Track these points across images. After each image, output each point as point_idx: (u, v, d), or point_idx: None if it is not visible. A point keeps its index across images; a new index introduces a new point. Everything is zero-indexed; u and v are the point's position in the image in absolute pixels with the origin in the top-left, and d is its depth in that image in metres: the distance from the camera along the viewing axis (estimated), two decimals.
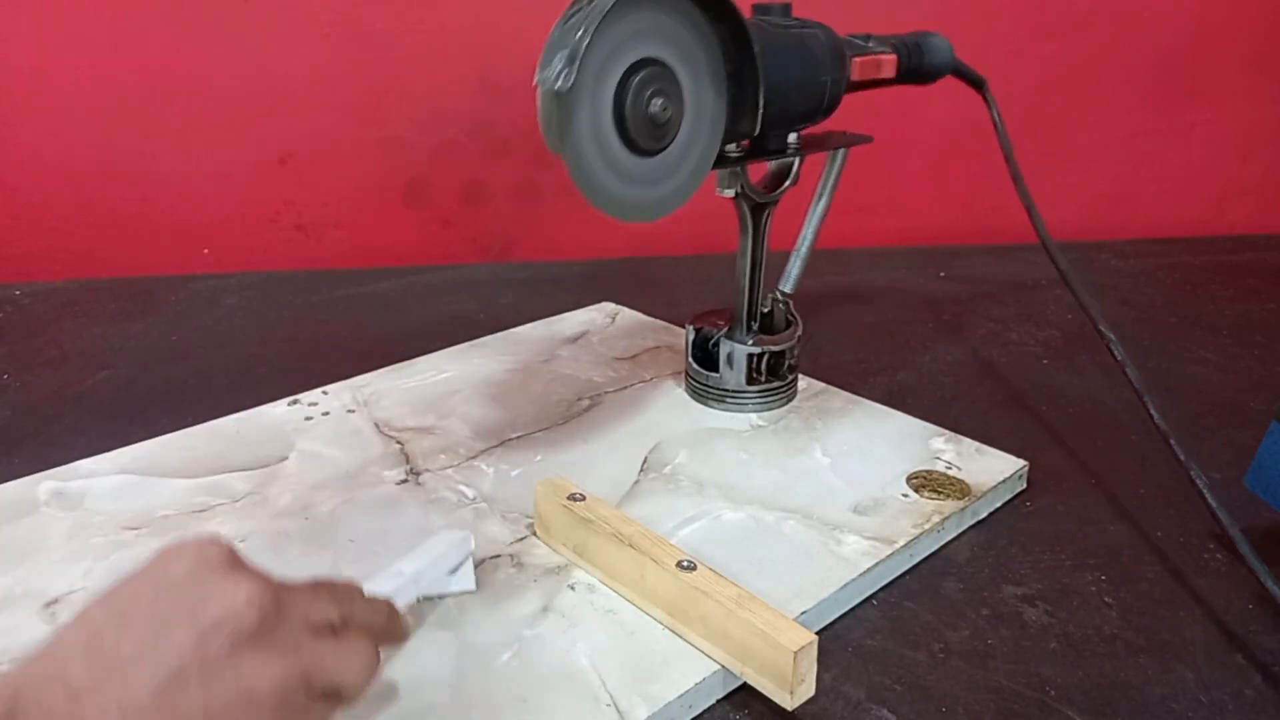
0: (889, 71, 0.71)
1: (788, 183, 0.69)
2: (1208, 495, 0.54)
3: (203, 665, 0.31)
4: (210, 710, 0.31)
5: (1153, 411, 0.60)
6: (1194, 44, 1.17)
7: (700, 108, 0.56)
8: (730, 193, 0.66)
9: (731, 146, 0.63)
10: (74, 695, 0.29)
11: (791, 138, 0.66)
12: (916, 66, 0.75)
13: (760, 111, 0.58)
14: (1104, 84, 1.18)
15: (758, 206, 0.68)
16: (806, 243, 0.73)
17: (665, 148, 0.55)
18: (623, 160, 0.53)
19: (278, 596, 0.35)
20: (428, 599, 0.49)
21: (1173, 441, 0.58)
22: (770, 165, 0.69)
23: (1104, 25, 1.15)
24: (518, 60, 1.09)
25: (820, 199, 0.74)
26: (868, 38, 0.70)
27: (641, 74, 0.51)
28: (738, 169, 0.65)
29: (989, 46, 1.15)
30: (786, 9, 0.65)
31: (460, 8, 1.07)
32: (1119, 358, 0.64)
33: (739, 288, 0.70)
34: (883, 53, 0.70)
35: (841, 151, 0.73)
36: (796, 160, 0.68)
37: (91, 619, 0.32)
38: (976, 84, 0.84)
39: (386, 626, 0.42)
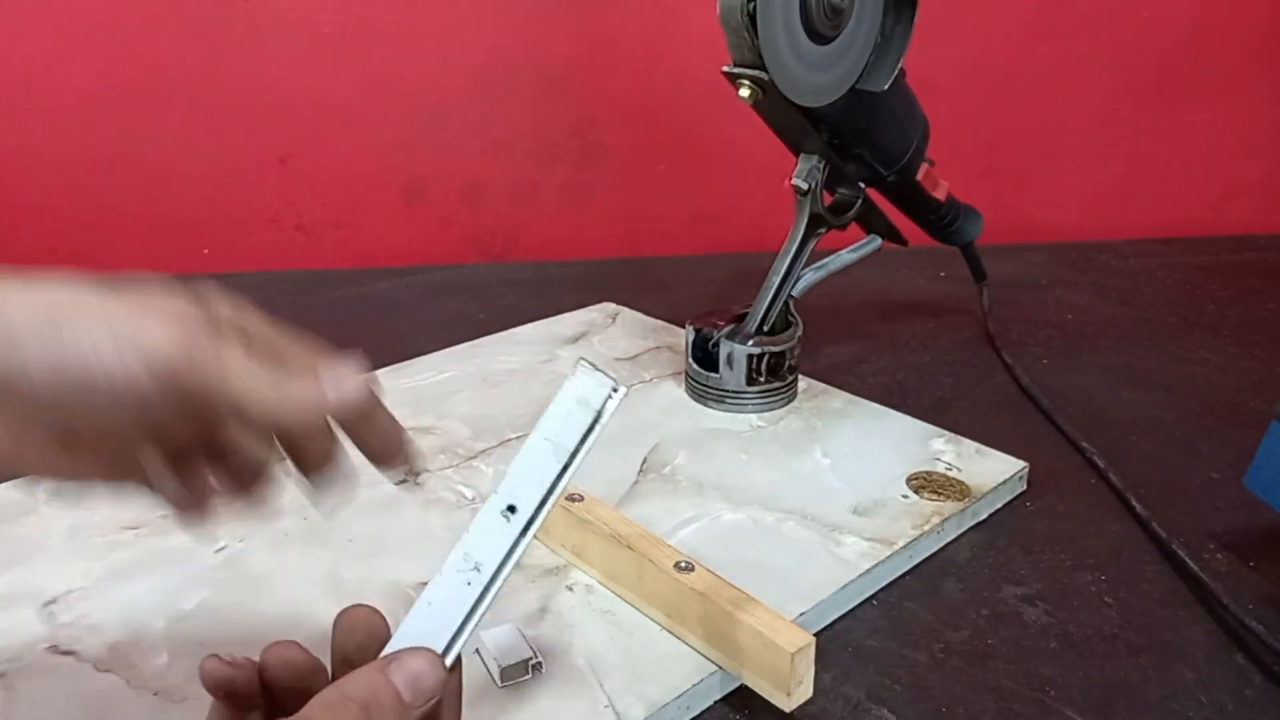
0: (941, 194, 0.78)
1: (841, 220, 0.72)
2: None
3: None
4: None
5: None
6: (1194, 44, 1.17)
7: (864, 5, 0.64)
8: (804, 185, 0.68)
9: (823, 137, 0.68)
10: None
11: (860, 185, 0.73)
12: (952, 220, 0.82)
13: (895, 73, 0.66)
14: (1104, 84, 1.18)
15: (816, 218, 0.70)
16: (826, 269, 0.74)
17: (837, 36, 0.63)
18: (804, 45, 0.61)
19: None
20: None
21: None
22: (835, 197, 0.74)
23: (1104, 25, 1.15)
24: (518, 60, 1.09)
25: (846, 253, 0.76)
26: (932, 163, 0.77)
27: None
28: (819, 167, 0.68)
29: (989, 46, 1.16)
30: (903, 72, 0.69)
31: (461, 7, 1.07)
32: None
33: (766, 285, 0.71)
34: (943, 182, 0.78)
35: (875, 244, 0.77)
36: (856, 204, 0.73)
37: None
38: (979, 274, 0.90)
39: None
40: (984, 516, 0.60)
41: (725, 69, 0.63)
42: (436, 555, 0.53)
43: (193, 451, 0.35)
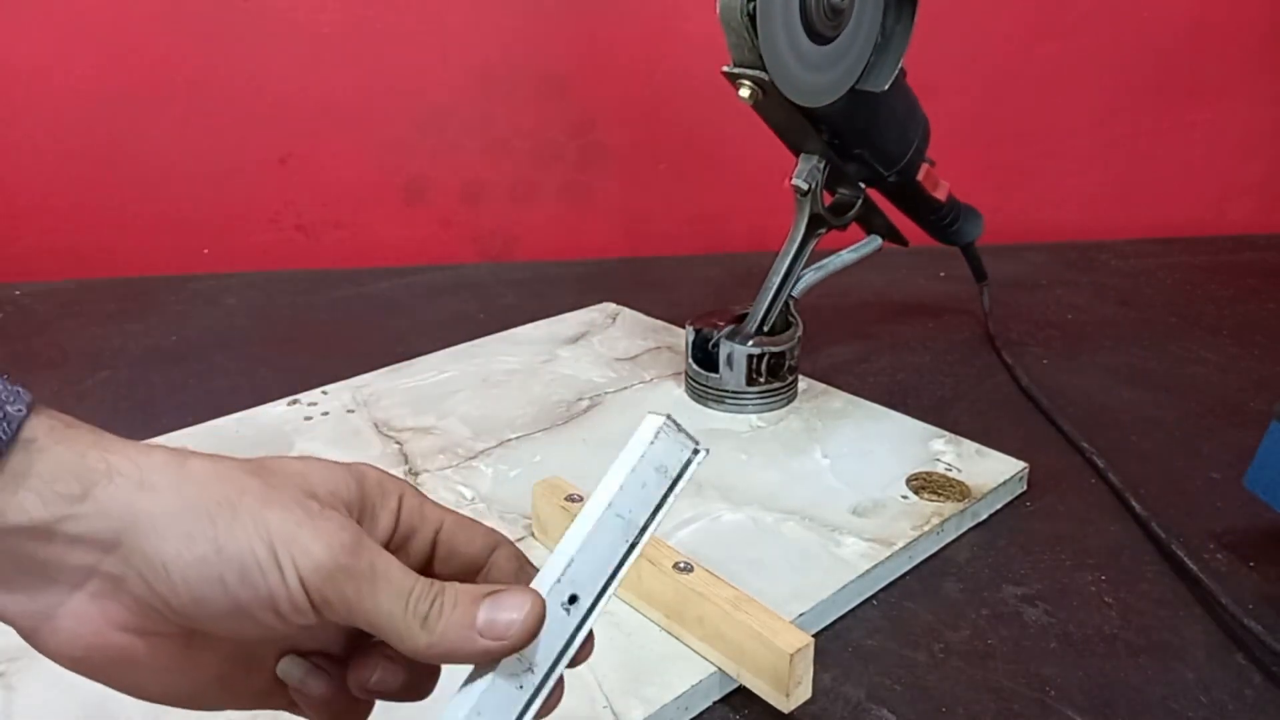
0: (941, 195, 0.78)
1: (841, 220, 0.72)
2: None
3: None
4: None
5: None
6: (1194, 44, 1.17)
7: (864, 5, 0.64)
8: (804, 185, 0.68)
9: (823, 138, 0.68)
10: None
11: (861, 185, 0.73)
12: (952, 221, 0.83)
13: (895, 72, 0.66)
14: (1104, 84, 1.18)
15: (816, 218, 0.70)
16: (827, 269, 0.74)
17: (837, 37, 0.63)
18: (804, 45, 0.61)
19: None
20: None
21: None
22: (836, 197, 0.74)
23: (1104, 25, 1.15)
24: (518, 60, 1.09)
25: (846, 253, 0.76)
26: (933, 163, 0.77)
27: None
28: (819, 167, 0.68)
29: (989, 46, 1.15)
30: (903, 72, 0.69)
31: (461, 7, 1.07)
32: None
33: (766, 285, 0.71)
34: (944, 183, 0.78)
35: (876, 243, 0.77)
36: (857, 204, 0.72)
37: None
38: (980, 274, 0.90)
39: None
40: (984, 517, 0.60)
41: (725, 69, 0.63)
42: None
43: (331, 652, 0.33)
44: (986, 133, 1.19)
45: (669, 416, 0.31)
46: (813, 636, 0.43)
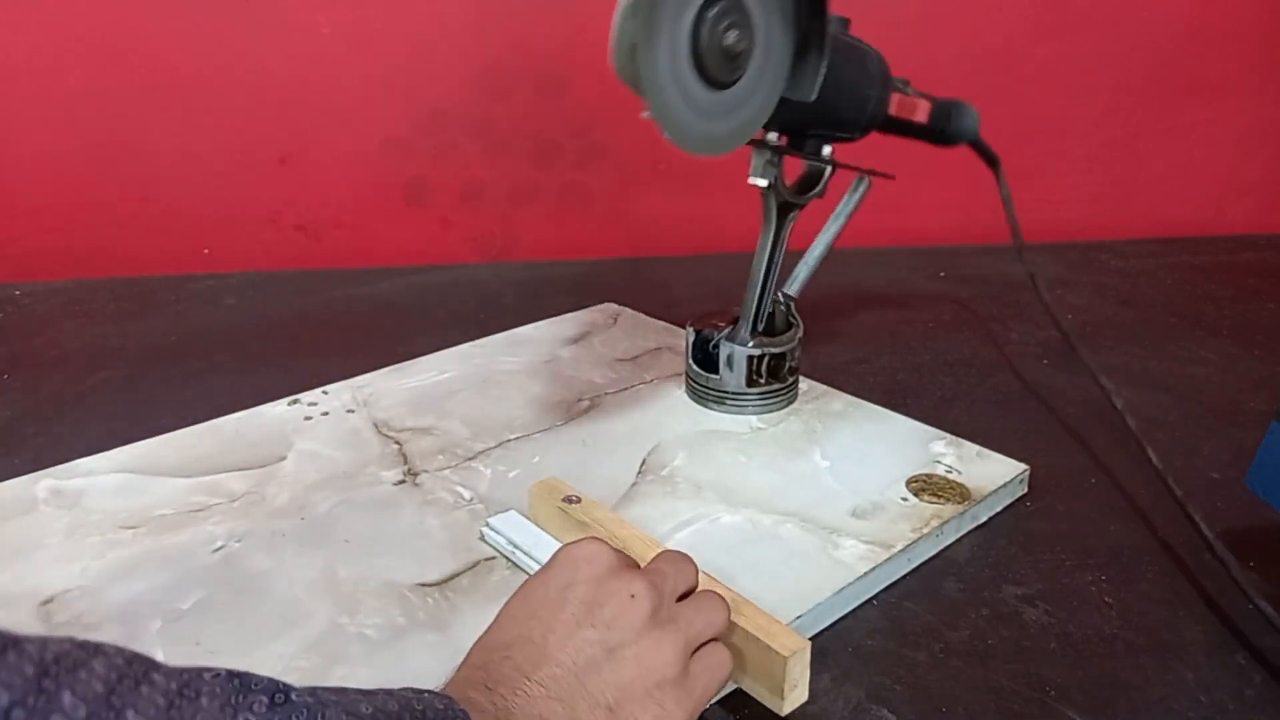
0: (921, 116, 0.74)
1: (815, 191, 0.70)
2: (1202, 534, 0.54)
3: (610, 653, 0.37)
4: (621, 685, 0.37)
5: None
6: (1194, 44, 1.17)
7: (770, 45, 0.56)
8: (763, 182, 0.67)
9: (772, 136, 0.66)
10: (522, 674, 0.36)
11: (826, 150, 0.69)
12: (944, 127, 0.78)
13: (819, 79, 0.59)
14: (1104, 84, 1.18)
15: (784, 205, 0.69)
16: (816, 253, 0.74)
17: (736, 81, 0.55)
18: (697, 93, 0.54)
19: (655, 584, 0.40)
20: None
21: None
22: (803, 168, 0.71)
23: (1103, 25, 1.15)
24: (518, 60, 1.09)
25: (837, 219, 0.74)
26: (906, 82, 0.73)
27: (717, 6, 0.52)
28: (774, 159, 0.66)
29: (989, 46, 1.15)
30: (845, 23, 0.65)
31: (461, 8, 1.07)
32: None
33: (751, 283, 0.70)
34: (920, 98, 0.73)
35: (865, 182, 0.74)
36: (826, 171, 0.70)
37: (515, 615, 0.39)
38: (991, 162, 0.87)
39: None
40: (984, 520, 0.60)
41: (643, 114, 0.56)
42: (433, 556, 0.54)
43: None
44: (987, 133, 1.18)
45: None
46: (812, 637, 0.43)
